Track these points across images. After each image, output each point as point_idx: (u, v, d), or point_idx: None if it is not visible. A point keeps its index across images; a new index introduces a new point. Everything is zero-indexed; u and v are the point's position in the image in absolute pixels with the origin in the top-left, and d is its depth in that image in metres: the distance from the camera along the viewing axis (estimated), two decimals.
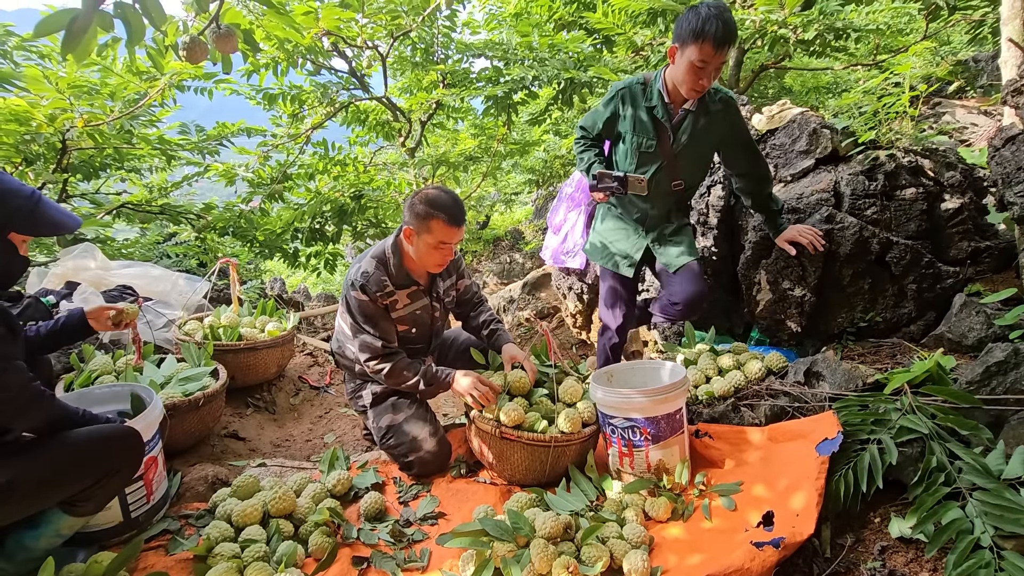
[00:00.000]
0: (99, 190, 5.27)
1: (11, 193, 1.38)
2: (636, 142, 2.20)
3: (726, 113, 2.16)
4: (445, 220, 1.95)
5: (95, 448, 1.48)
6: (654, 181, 2.19)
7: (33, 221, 1.40)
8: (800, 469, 1.64)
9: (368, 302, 2.04)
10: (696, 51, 1.93)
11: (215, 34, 1.74)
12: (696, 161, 2.26)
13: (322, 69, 4.68)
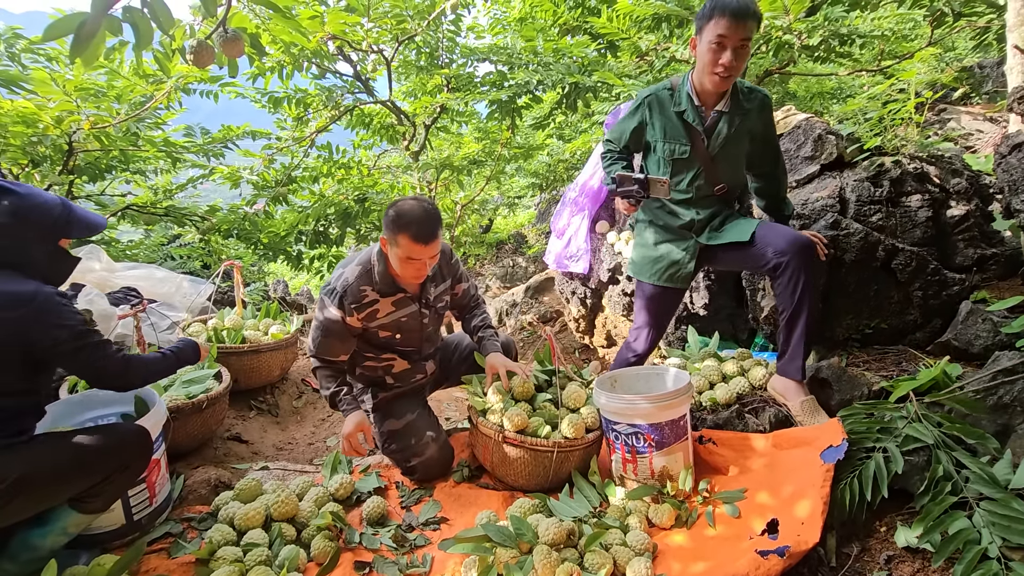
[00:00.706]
0: (104, 192, 5.29)
1: (49, 206, 1.53)
2: (668, 149, 2.06)
3: (760, 111, 2.03)
4: (411, 236, 1.84)
5: (105, 444, 1.51)
6: (694, 188, 2.08)
7: (71, 225, 1.57)
8: (805, 476, 1.63)
9: (337, 319, 2.00)
10: (712, 28, 1.80)
11: (222, 38, 1.75)
12: (736, 161, 2.10)
13: (327, 73, 4.69)
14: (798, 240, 1.91)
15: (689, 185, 2.08)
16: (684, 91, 2.01)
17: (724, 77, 1.85)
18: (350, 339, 2.09)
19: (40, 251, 1.51)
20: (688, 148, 2.04)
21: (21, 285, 1.43)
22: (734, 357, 2.41)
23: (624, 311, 3.39)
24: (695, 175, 2.07)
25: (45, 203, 1.52)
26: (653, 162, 2.15)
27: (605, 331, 3.66)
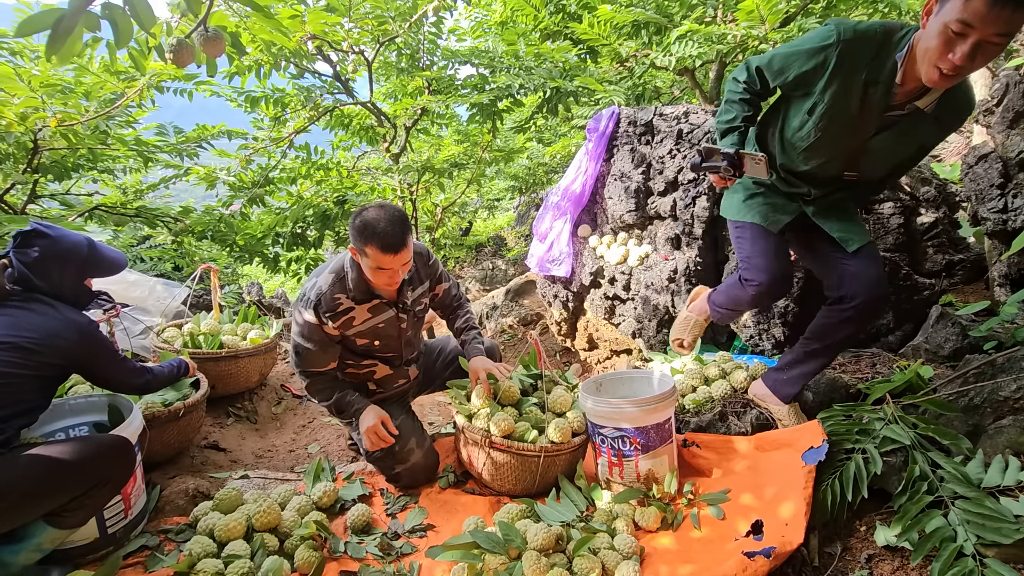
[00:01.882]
0: (69, 191, 5.10)
1: (79, 247, 1.70)
2: (825, 119, 1.59)
3: (951, 120, 1.56)
4: (379, 247, 1.79)
5: (86, 457, 1.48)
6: (825, 168, 1.71)
7: (96, 265, 1.75)
8: (787, 478, 1.67)
9: (315, 326, 1.96)
10: (958, 6, 1.24)
11: (202, 37, 1.70)
12: (887, 161, 1.66)
13: (306, 72, 4.62)
14: (874, 295, 1.67)
15: (821, 162, 1.70)
16: (892, 60, 1.47)
17: (949, 76, 1.33)
18: (333, 346, 2.04)
19: (70, 288, 1.69)
20: (846, 127, 1.58)
21: (78, 315, 1.67)
22: (715, 360, 2.45)
23: (606, 315, 3.41)
24: (834, 156, 1.67)
25: (75, 245, 1.70)
26: (797, 120, 1.67)
27: (587, 334, 3.68)
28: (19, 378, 1.47)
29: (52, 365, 1.56)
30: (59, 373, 1.61)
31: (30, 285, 1.61)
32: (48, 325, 1.57)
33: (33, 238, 1.64)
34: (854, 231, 1.75)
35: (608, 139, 3.47)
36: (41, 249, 1.63)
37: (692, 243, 2.90)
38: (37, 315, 1.57)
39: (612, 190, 3.38)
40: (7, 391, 1.45)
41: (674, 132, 3.07)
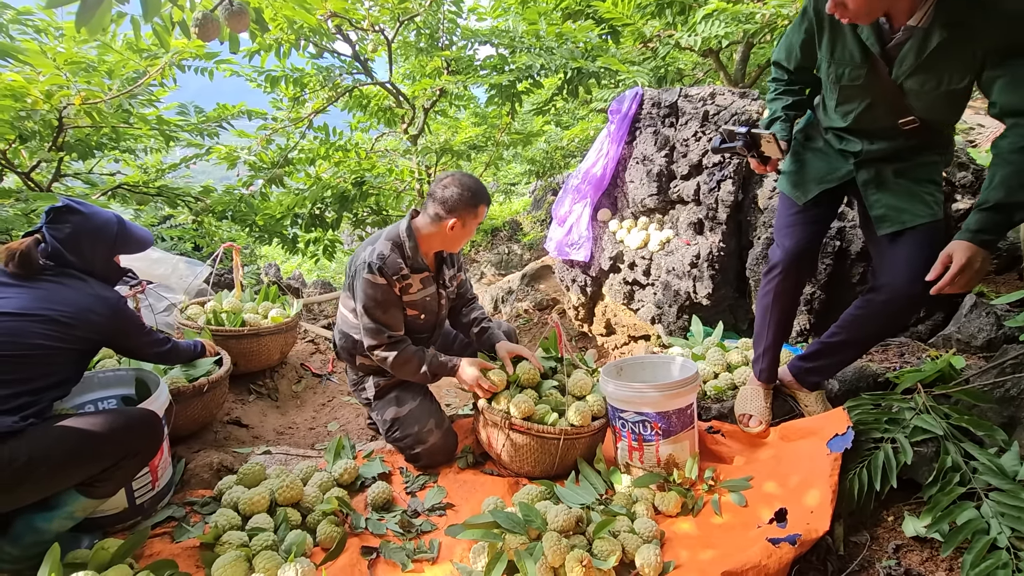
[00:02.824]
0: (92, 170, 5.17)
1: (109, 224, 1.71)
2: (835, 73, 1.57)
3: (988, 15, 1.31)
4: (486, 203, 2.08)
5: (117, 429, 1.51)
6: (869, 118, 1.59)
7: (125, 242, 1.76)
8: (813, 466, 1.64)
9: (385, 286, 2.00)
10: None
11: (227, 11, 1.69)
12: (938, 92, 1.45)
13: (325, 52, 4.60)
14: (904, 291, 1.57)
15: (860, 116, 1.60)
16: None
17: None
18: (399, 302, 2.08)
19: (100, 264, 1.72)
20: (862, 73, 1.53)
21: (108, 291, 1.69)
22: (738, 347, 2.42)
23: (624, 300, 3.38)
24: (870, 105, 1.58)
25: (107, 222, 1.72)
26: (825, 86, 1.68)
27: (605, 319, 3.66)
28: (53, 351, 1.49)
29: (84, 339, 1.58)
30: (91, 347, 1.64)
31: (63, 260, 1.63)
32: (81, 300, 1.58)
33: (66, 214, 1.65)
34: (903, 208, 1.58)
35: (631, 121, 3.40)
36: (74, 225, 1.64)
37: (716, 228, 2.85)
38: (70, 290, 1.59)
39: (634, 173, 3.33)
40: (41, 363, 1.48)
41: (699, 114, 3.00)
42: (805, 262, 1.80)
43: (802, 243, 1.77)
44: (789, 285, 1.82)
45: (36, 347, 1.46)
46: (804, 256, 1.78)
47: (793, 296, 1.87)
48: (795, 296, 1.88)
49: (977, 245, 1.32)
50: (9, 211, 3.58)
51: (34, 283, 1.56)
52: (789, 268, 1.79)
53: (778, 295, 1.84)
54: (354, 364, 2.24)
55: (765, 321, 1.91)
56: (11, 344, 1.42)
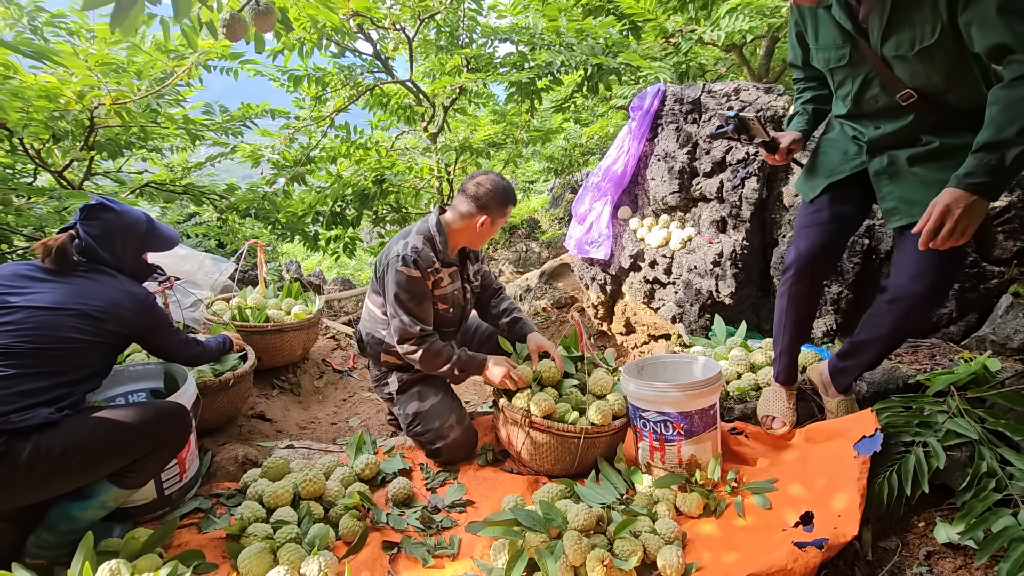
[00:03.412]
0: (121, 169, 5.29)
1: (139, 222, 1.76)
2: (824, 58, 1.59)
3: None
4: (514, 204, 2.13)
5: (147, 421, 1.54)
6: (866, 99, 1.56)
7: (154, 240, 1.81)
8: (840, 469, 1.61)
9: (419, 278, 2.02)
10: None
11: (254, 11, 1.72)
12: (914, 53, 1.38)
13: (347, 51, 4.63)
14: (911, 290, 1.50)
15: (858, 97, 1.58)
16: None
17: None
18: (431, 295, 2.10)
19: (130, 261, 1.76)
20: (846, 52, 1.52)
21: (137, 287, 1.73)
22: (761, 347, 2.38)
23: (645, 299, 3.35)
24: (863, 83, 1.55)
25: (136, 220, 1.77)
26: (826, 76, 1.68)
27: (624, 318, 3.63)
28: (85, 344, 1.53)
29: (115, 333, 1.62)
30: (121, 341, 1.67)
31: (95, 256, 1.67)
32: (111, 295, 1.62)
33: (99, 211, 1.70)
34: (915, 200, 1.50)
35: (652, 118, 3.37)
36: (106, 222, 1.69)
37: (739, 226, 2.80)
38: (101, 285, 1.63)
39: (655, 171, 3.29)
40: (74, 356, 1.52)
41: (723, 109, 2.95)
42: (820, 264, 1.74)
43: (816, 245, 1.71)
44: (803, 288, 1.77)
45: (70, 340, 1.50)
46: (818, 258, 1.72)
47: (809, 298, 1.81)
48: (811, 298, 1.82)
49: (963, 189, 1.26)
50: (43, 208, 3.69)
51: (67, 278, 1.60)
52: (802, 270, 1.74)
53: (792, 297, 1.80)
54: (379, 360, 2.26)
55: (781, 323, 1.88)
56: (46, 337, 1.47)
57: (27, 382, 1.41)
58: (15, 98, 2.92)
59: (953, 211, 1.27)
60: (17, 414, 1.36)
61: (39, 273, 1.59)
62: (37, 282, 1.56)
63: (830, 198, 1.71)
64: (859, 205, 1.74)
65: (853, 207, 1.73)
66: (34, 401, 1.40)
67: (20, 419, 1.35)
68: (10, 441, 1.34)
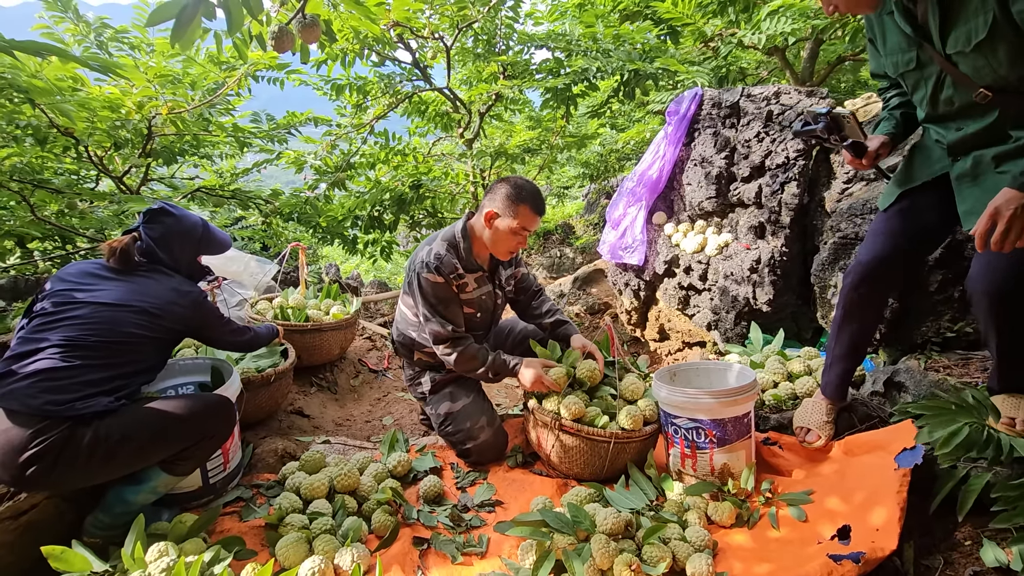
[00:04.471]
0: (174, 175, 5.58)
1: (196, 227, 1.86)
2: (893, 64, 1.56)
3: None
4: (531, 207, 2.02)
5: (196, 413, 1.64)
6: (942, 101, 1.49)
7: (209, 244, 1.91)
8: (879, 482, 1.56)
9: (442, 284, 2.07)
10: None
11: (301, 24, 1.80)
12: (972, 47, 1.34)
13: (386, 60, 4.77)
14: (986, 289, 1.43)
15: (933, 99, 1.51)
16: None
17: None
18: (458, 299, 2.13)
19: (186, 262, 1.86)
20: (912, 56, 1.49)
21: (191, 286, 1.82)
22: (800, 356, 2.32)
23: (679, 305, 3.31)
24: (936, 85, 1.49)
25: (194, 225, 1.86)
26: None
27: (658, 325, 3.59)
28: (143, 339, 1.63)
29: (170, 329, 1.72)
30: (175, 337, 1.77)
31: (154, 257, 1.78)
32: (167, 294, 1.72)
33: (160, 216, 1.80)
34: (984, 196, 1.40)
35: (689, 122, 3.34)
36: (166, 226, 1.80)
37: (778, 232, 2.74)
38: (158, 284, 1.73)
39: (691, 176, 3.26)
40: (133, 350, 1.62)
41: (763, 114, 2.90)
42: (882, 275, 1.67)
43: (878, 255, 1.64)
44: (861, 297, 1.71)
45: (130, 335, 1.60)
46: (879, 269, 1.65)
47: (867, 310, 1.74)
48: (870, 311, 1.75)
49: (1017, 189, 1.21)
50: (104, 212, 3.93)
51: (129, 277, 1.71)
52: (861, 280, 1.68)
53: (848, 306, 1.75)
54: (411, 360, 2.32)
55: (835, 332, 1.82)
56: (109, 331, 1.57)
57: (90, 372, 1.51)
58: (82, 109, 3.13)
59: (1003, 212, 1.22)
60: (81, 402, 1.46)
61: (104, 272, 1.71)
62: (102, 280, 1.68)
63: (904, 207, 1.64)
64: (940, 215, 1.63)
65: (933, 217, 1.63)
66: (96, 391, 1.50)
67: (83, 407, 1.46)
68: (73, 427, 1.44)
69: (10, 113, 3.07)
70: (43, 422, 1.42)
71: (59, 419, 1.43)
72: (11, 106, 3.01)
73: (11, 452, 1.39)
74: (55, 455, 1.42)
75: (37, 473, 1.41)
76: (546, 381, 2.02)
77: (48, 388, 1.45)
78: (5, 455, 1.40)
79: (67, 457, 1.43)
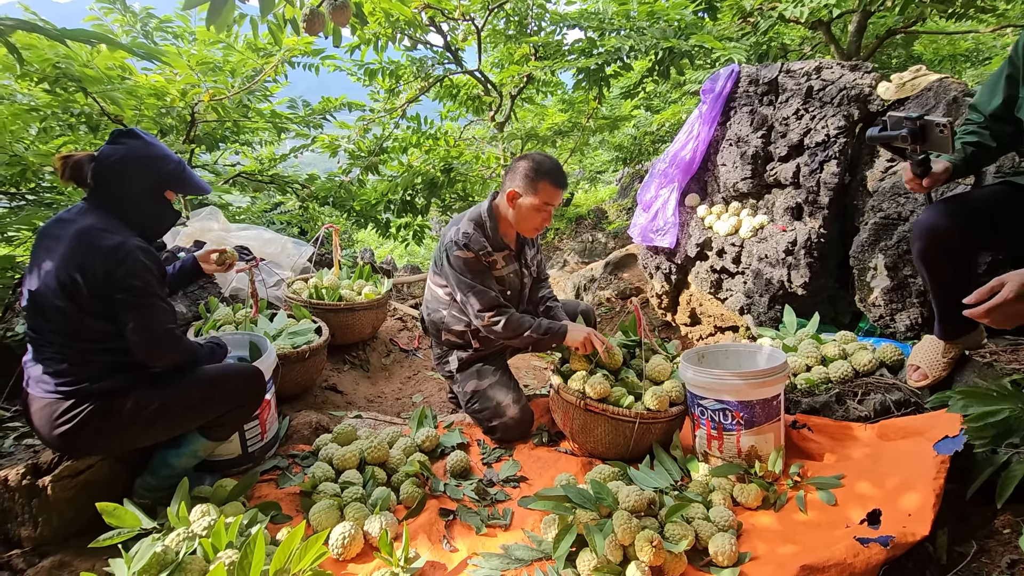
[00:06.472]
0: (217, 161, 5.79)
1: (165, 158, 1.65)
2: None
3: None
4: (551, 182, 2.03)
5: (229, 380, 1.73)
6: None
7: (183, 182, 1.69)
8: (914, 468, 1.51)
9: (473, 258, 2.11)
10: None
11: (331, 6, 1.83)
12: None
13: (418, 44, 4.79)
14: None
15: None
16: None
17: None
18: (491, 272, 2.16)
19: (145, 198, 1.61)
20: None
21: (109, 238, 1.49)
22: (835, 340, 2.26)
23: (711, 289, 3.25)
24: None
25: (165, 156, 1.64)
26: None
27: (689, 309, 3.54)
28: (76, 317, 1.50)
29: (96, 294, 1.49)
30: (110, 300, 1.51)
31: (104, 184, 1.56)
32: (80, 248, 1.48)
33: (126, 137, 1.60)
34: None
35: (724, 101, 3.24)
36: (129, 148, 1.57)
37: (816, 212, 2.65)
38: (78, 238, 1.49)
39: (726, 156, 3.17)
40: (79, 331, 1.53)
41: (802, 90, 2.79)
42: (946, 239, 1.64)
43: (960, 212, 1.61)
44: (933, 260, 1.69)
45: (62, 318, 1.50)
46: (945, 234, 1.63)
47: (947, 266, 1.69)
48: (952, 266, 1.69)
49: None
50: None
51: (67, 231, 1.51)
52: (927, 241, 1.66)
53: (926, 264, 1.73)
54: (440, 339, 2.36)
55: (926, 284, 1.81)
56: (43, 320, 1.52)
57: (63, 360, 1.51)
58: (130, 96, 3.28)
59: (1006, 292, 1.17)
60: (89, 383, 1.52)
61: (53, 230, 1.54)
62: (43, 249, 1.52)
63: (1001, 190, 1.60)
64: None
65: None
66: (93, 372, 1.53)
67: (96, 387, 1.52)
68: (111, 397, 1.54)
69: (65, 102, 3.24)
70: (70, 399, 1.50)
71: (85, 395, 1.51)
72: (65, 95, 3.17)
73: (50, 424, 1.50)
74: (97, 424, 1.52)
75: (82, 441, 1.52)
76: (596, 341, 2.04)
77: (50, 374, 1.50)
78: (46, 426, 1.51)
79: (111, 424, 1.53)
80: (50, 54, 2.87)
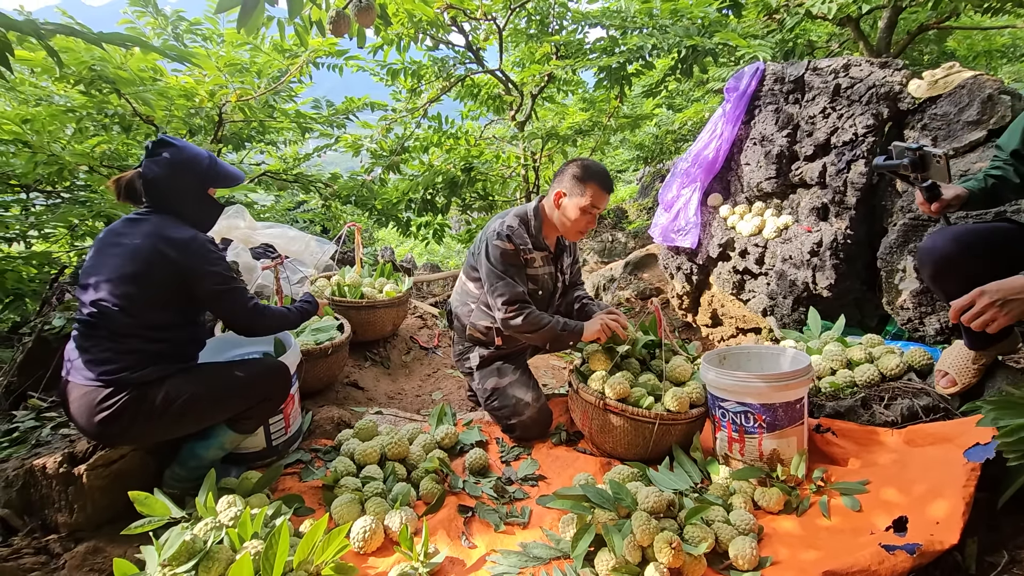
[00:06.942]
0: (243, 160, 5.91)
1: (200, 158, 1.76)
2: None
3: None
4: (599, 185, 2.07)
5: (255, 374, 1.76)
6: None
7: (216, 175, 1.79)
8: (943, 475, 1.47)
9: (512, 251, 2.14)
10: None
11: (357, 8, 1.86)
12: None
13: (440, 44, 4.82)
14: None
15: None
16: None
17: None
18: (525, 271, 2.19)
19: (193, 198, 1.76)
20: None
21: (181, 231, 1.67)
22: (861, 343, 2.21)
23: (733, 290, 3.21)
24: None
25: (197, 155, 1.76)
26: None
27: (711, 310, 3.50)
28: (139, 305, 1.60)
29: (163, 281, 1.62)
30: (177, 288, 1.65)
31: (157, 194, 1.69)
32: (153, 240, 1.61)
33: (160, 148, 1.71)
34: None
35: (749, 99, 3.20)
36: (168, 158, 1.69)
37: (843, 213, 2.60)
38: (147, 236, 1.62)
39: (750, 155, 3.13)
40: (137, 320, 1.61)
41: (829, 88, 2.74)
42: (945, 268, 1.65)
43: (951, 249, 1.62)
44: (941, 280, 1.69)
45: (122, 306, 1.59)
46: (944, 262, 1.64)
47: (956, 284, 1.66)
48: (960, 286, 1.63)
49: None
50: None
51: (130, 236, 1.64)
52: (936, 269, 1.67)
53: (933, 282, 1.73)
54: (463, 334, 2.38)
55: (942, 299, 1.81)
56: (104, 311, 1.60)
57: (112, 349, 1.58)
58: (161, 98, 3.36)
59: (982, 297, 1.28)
60: (128, 372, 1.58)
61: (115, 235, 1.66)
62: (107, 251, 1.64)
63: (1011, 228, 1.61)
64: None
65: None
66: (133, 360, 1.59)
67: (136, 376, 1.58)
68: (144, 388, 1.59)
69: (99, 103, 3.34)
70: (110, 387, 1.56)
71: (123, 384, 1.57)
72: (100, 96, 3.27)
73: (89, 412, 1.56)
74: (131, 413, 1.57)
75: (117, 429, 1.57)
76: (611, 324, 2.06)
77: (93, 363, 1.57)
78: (85, 414, 1.57)
79: (143, 414, 1.59)
80: (86, 57, 2.96)
